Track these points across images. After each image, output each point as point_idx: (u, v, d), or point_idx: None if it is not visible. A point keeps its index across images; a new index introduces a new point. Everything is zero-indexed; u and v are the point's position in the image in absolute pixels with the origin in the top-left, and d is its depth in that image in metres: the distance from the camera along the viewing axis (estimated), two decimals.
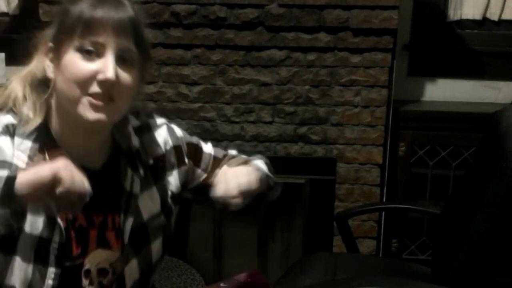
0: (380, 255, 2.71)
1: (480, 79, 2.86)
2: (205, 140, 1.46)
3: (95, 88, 1.12)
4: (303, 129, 2.59)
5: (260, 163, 1.40)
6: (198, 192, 1.40)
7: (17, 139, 1.16)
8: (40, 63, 1.20)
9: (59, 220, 1.16)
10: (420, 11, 2.82)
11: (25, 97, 1.20)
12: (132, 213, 1.25)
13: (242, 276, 1.45)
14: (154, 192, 1.31)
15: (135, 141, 1.29)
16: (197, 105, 2.58)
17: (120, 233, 1.24)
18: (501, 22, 2.83)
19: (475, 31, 2.85)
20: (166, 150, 1.34)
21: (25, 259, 1.15)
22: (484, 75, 2.86)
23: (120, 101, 1.15)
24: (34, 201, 1.04)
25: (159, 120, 1.37)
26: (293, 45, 2.50)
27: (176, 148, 1.36)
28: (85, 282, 1.21)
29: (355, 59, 2.51)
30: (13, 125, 1.17)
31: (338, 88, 2.54)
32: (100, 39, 1.13)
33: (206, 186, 1.33)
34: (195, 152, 1.40)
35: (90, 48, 1.13)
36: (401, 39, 2.73)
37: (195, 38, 2.51)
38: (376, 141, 2.58)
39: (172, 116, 2.48)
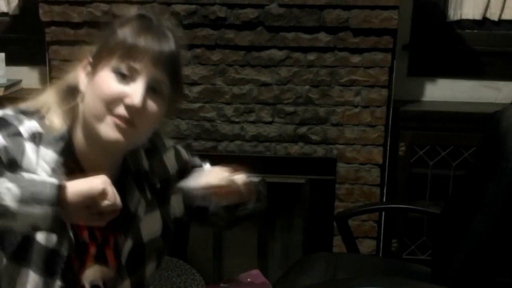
0: (380, 255, 2.71)
1: (480, 79, 2.86)
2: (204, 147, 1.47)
3: (120, 110, 1.14)
4: (303, 129, 2.59)
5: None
6: (195, 212, 1.41)
7: (42, 149, 1.16)
8: (77, 76, 1.21)
9: (70, 233, 1.17)
10: (420, 11, 2.82)
11: (56, 105, 1.21)
12: (133, 235, 1.27)
13: (242, 276, 1.45)
14: (158, 216, 1.33)
15: (145, 163, 1.31)
16: (197, 105, 2.58)
17: (118, 252, 1.26)
18: (501, 22, 2.83)
19: (475, 31, 2.85)
20: (172, 174, 1.36)
21: (37, 271, 1.16)
22: (484, 75, 2.86)
23: (141, 129, 1.17)
24: (78, 212, 1.05)
25: (168, 143, 1.40)
26: (293, 45, 2.51)
27: (182, 172, 1.37)
28: None
29: (355, 59, 2.51)
30: (39, 133, 1.17)
31: (338, 88, 2.54)
32: (137, 66, 1.15)
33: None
34: None
35: (125, 71, 1.15)
36: (401, 39, 2.73)
37: (195, 38, 2.50)
38: (376, 141, 2.58)
39: (172, 116, 2.48)
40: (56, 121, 1.19)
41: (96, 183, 1.04)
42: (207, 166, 1.44)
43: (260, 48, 2.52)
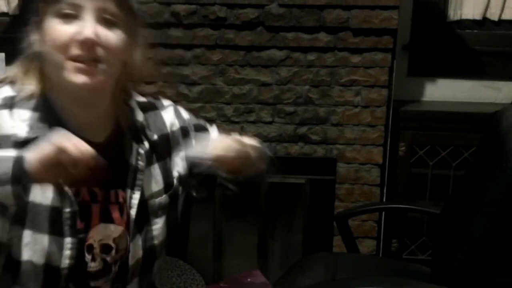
0: (380, 255, 2.71)
1: (480, 79, 2.86)
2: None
3: (75, 51, 1.10)
4: (303, 129, 2.59)
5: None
6: (202, 181, 1.35)
7: (16, 111, 1.15)
8: (30, 39, 1.19)
9: (66, 189, 1.15)
10: (420, 11, 2.82)
11: (23, 73, 1.20)
12: (139, 188, 1.24)
13: (242, 276, 1.45)
14: (156, 170, 1.29)
15: (140, 115, 1.27)
16: (197, 105, 2.58)
17: (123, 208, 1.23)
18: (501, 22, 2.83)
19: (475, 31, 2.85)
20: (172, 131, 1.33)
21: (40, 230, 1.14)
22: (484, 75, 2.86)
23: (106, 62, 1.13)
24: (49, 178, 1.04)
25: (166, 102, 1.37)
26: (293, 45, 2.50)
27: (183, 130, 1.35)
28: (88, 257, 1.19)
29: (355, 59, 2.51)
30: (12, 97, 1.17)
31: (338, 88, 2.54)
32: (77, 1, 1.11)
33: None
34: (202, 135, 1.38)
35: (67, 11, 1.11)
36: (401, 39, 2.73)
37: (195, 38, 2.51)
38: (376, 141, 2.58)
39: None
40: (28, 83, 1.18)
41: (45, 145, 1.00)
42: (214, 132, 1.40)
43: (260, 48, 2.52)
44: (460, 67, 2.86)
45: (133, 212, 1.23)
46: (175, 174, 1.32)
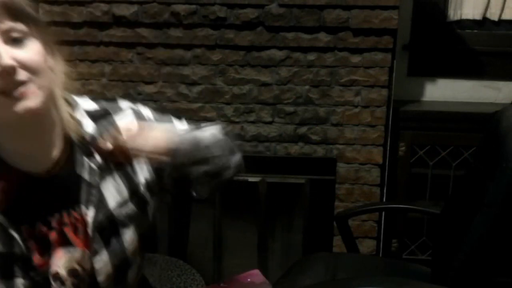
0: (380, 255, 2.71)
1: (480, 79, 2.86)
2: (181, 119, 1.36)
3: (0, 84, 1.02)
4: (303, 129, 2.59)
5: (210, 132, 1.28)
6: (177, 181, 1.27)
7: None
8: None
9: (12, 232, 1.11)
10: (420, 11, 2.82)
11: None
12: (94, 203, 1.19)
13: (242, 276, 1.45)
14: (118, 179, 1.23)
15: (89, 126, 1.20)
16: (197, 105, 2.58)
17: (78, 228, 1.18)
18: (501, 22, 2.83)
19: (475, 31, 2.85)
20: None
21: None
22: (484, 75, 2.86)
23: (34, 79, 1.05)
24: None
25: (123, 104, 1.27)
26: (293, 45, 2.51)
27: None
28: (55, 286, 1.16)
29: (355, 59, 2.51)
30: None
31: (338, 88, 2.54)
32: None
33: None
34: None
35: None
36: (401, 39, 2.73)
37: (195, 38, 2.51)
38: (376, 141, 2.58)
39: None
40: None
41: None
42: (182, 124, 1.32)
43: (260, 48, 2.52)
44: (460, 67, 2.86)
45: (90, 230, 1.18)
46: (141, 180, 1.26)
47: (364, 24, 2.45)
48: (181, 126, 1.32)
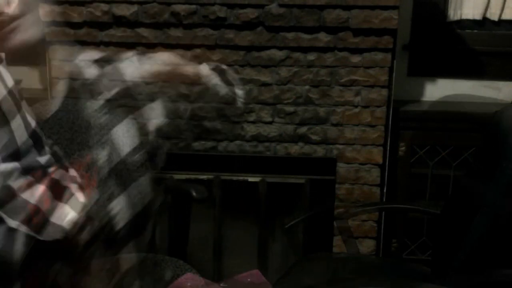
0: (380, 255, 2.71)
1: (480, 79, 2.86)
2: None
3: None
4: (303, 129, 2.59)
5: None
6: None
7: None
8: None
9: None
10: (420, 11, 2.81)
11: None
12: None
13: (242, 276, 1.45)
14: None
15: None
16: (197, 105, 2.58)
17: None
18: (501, 22, 2.83)
19: (475, 31, 2.85)
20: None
21: None
22: (484, 75, 2.86)
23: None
24: None
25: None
26: (293, 45, 2.50)
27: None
28: None
29: (355, 59, 2.51)
30: None
31: (338, 88, 2.54)
32: None
33: None
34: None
35: None
36: (401, 39, 2.73)
37: (195, 38, 2.50)
38: (376, 141, 2.58)
39: (172, 116, 2.48)
40: None
41: None
42: None
43: (260, 48, 2.52)
44: (460, 67, 2.86)
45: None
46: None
47: (364, 24, 2.45)
48: None
